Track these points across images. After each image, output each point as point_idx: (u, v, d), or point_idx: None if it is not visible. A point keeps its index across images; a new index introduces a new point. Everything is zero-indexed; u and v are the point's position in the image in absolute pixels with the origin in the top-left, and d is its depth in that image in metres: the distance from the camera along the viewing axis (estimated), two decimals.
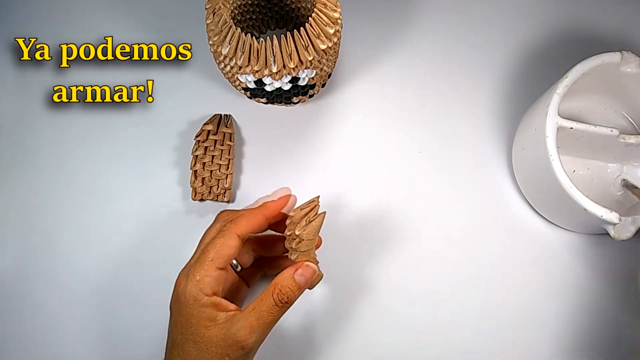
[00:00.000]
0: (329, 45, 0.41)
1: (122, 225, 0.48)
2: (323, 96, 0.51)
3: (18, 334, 0.45)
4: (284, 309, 0.35)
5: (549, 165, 0.40)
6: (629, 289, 0.46)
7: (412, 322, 0.45)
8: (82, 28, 0.53)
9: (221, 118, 0.49)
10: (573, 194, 0.39)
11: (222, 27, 0.40)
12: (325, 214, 0.37)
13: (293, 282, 0.35)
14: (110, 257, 0.47)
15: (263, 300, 0.34)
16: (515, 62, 0.52)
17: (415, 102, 0.51)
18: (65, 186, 0.49)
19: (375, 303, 0.46)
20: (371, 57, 0.52)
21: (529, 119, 0.45)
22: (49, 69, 0.52)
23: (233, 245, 0.36)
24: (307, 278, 0.36)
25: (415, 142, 0.50)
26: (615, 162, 0.47)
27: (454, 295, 0.46)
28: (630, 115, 0.48)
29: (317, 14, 0.41)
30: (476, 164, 0.49)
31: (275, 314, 0.34)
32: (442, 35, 0.53)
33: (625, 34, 0.53)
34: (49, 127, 0.51)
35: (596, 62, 0.42)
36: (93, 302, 0.46)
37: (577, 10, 0.54)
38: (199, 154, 0.47)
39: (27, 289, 0.47)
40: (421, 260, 0.47)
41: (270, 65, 0.41)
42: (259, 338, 0.34)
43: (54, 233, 0.48)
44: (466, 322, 0.45)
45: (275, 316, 0.34)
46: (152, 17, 0.54)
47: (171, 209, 0.48)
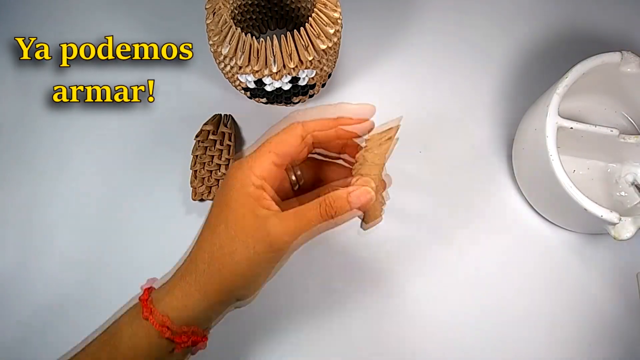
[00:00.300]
0: (329, 45, 0.41)
1: (122, 224, 0.48)
2: (323, 96, 0.51)
3: (18, 334, 0.45)
4: (327, 223, 0.32)
5: (549, 165, 0.40)
6: (629, 289, 0.46)
7: (412, 322, 0.45)
8: (83, 27, 0.53)
9: (221, 118, 0.49)
10: (573, 194, 0.39)
11: (222, 27, 0.40)
12: (398, 140, 0.34)
13: (345, 200, 0.32)
14: (110, 256, 0.47)
15: (308, 207, 0.32)
16: (515, 62, 0.52)
17: (416, 102, 0.51)
18: (65, 186, 0.49)
19: (375, 303, 0.46)
20: (371, 57, 0.52)
21: (529, 119, 0.45)
22: (49, 69, 0.52)
23: (295, 144, 0.33)
24: (362, 202, 0.32)
25: (415, 142, 0.50)
26: (615, 162, 0.47)
27: (454, 295, 0.46)
28: (630, 115, 0.48)
29: (317, 14, 0.41)
30: (476, 164, 0.49)
31: (316, 224, 0.32)
32: (442, 35, 0.53)
33: (625, 34, 0.53)
34: (49, 127, 0.51)
35: (596, 62, 0.42)
36: (93, 302, 0.46)
37: (577, 10, 0.54)
38: (198, 153, 0.47)
39: (27, 289, 0.47)
40: (420, 260, 0.47)
41: (270, 65, 0.41)
42: (289, 241, 0.31)
43: (54, 233, 0.48)
44: (466, 321, 0.45)
45: (315, 226, 0.32)
46: (153, 17, 0.54)
47: (171, 209, 0.48)
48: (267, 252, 0.31)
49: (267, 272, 0.33)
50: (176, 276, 0.34)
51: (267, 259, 0.32)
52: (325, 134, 0.34)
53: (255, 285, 0.33)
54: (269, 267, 0.33)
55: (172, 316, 0.32)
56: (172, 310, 0.32)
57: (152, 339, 0.32)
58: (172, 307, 0.32)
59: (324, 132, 0.34)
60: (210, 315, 0.34)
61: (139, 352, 0.32)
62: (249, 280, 0.33)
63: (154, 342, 0.32)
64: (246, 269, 0.32)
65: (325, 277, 0.46)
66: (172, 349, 0.33)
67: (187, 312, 0.32)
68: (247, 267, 0.32)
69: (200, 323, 0.33)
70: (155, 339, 0.32)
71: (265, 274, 0.33)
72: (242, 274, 0.32)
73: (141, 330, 0.32)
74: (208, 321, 0.34)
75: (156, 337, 0.32)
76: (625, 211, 0.44)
